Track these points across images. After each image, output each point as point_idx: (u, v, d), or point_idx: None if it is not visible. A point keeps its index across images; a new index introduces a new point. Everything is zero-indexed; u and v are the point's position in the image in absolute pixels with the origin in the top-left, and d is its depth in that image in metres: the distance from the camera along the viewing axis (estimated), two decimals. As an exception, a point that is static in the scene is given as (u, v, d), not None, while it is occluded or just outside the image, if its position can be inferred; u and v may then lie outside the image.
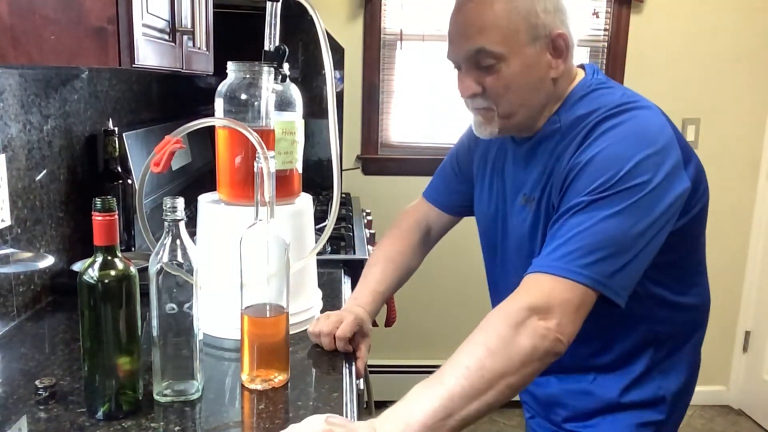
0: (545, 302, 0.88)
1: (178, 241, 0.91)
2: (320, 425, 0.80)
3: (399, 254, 1.29)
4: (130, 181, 1.53)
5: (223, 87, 1.17)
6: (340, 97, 2.61)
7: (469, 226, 1.45)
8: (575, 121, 1.01)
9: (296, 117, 1.22)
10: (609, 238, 0.90)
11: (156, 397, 0.93)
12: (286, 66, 1.20)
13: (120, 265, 0.86)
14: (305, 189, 1.29)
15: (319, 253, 1.25)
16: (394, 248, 1.30)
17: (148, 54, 1.00)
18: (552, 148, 1.03)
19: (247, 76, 1.17)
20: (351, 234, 1.92)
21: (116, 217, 0.85)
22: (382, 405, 1.87)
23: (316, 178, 2.30)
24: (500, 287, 1.20)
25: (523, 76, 1.00)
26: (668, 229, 0.95)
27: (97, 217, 0.83)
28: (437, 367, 0.93)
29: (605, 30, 2.72)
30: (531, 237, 1.07)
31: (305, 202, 1.25)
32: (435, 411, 0.81)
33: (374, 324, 1.23)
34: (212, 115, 1.17)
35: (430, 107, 2.77)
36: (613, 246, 0.90)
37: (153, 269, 0.90)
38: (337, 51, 2.54)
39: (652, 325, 1.07)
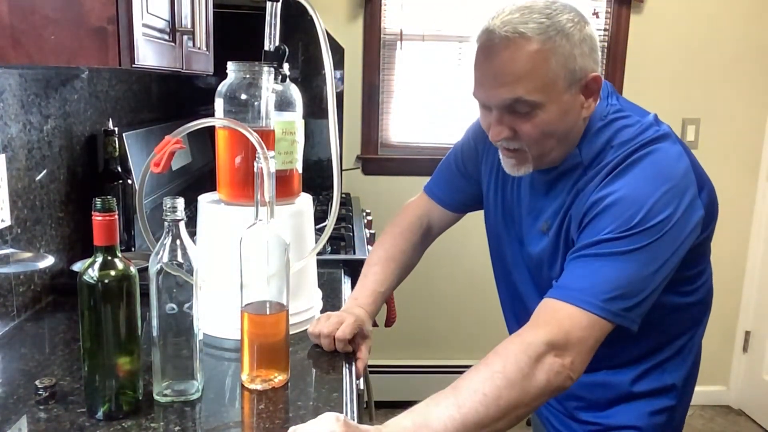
0: (564, 339, 0.89)
1: (178, 241, 0.91)
2: (338, 427, 0.80)
3: (400, 253, 1.28)
4: (130, 181, 1.53)
5: (223, 87, 1.17)
6: (340, 97, 2.61)
7: (469, 226, 1.45)
8: (596, 156, 1.02)
9: (296, 117, 1.22)
10: (630, 276, 0.92)
11: (156, 397, 0.93)
12: (286, 66, 1.20)
13: (120, 265, 0.86)
14: (305, 189, 1.29)
15: (319, 253, 1.25)
16: (396, 247, 1.29)
17: (148, 54, 1.00)
18: (573, 182, 1.04)
19: (247, 76, 1.17)
20: (351, 234, 1.92)
21: (116, 217, 0.85)
22: (382, 405, 1.87)
23: (316, 178, 2.30)
24: (515, 305, 1.22)
25: (560, 122, 0.98)
26: (683, 255, 0.97)
27: (97, 217, 0.83)
28: (437, 367, 0.93)
29: (605, 30, 2.72)
30: (550, 265, 1.08)
31: (305, 202, 1.25)
32: None
33: (374, 324, 1.23)
34: (212, 115, 1.17)
35: (430, 107, 2.77)
36: (634, 283, 0.92)
37: (153, 269, 0.90)
38: (337, 51, 2.54)
39: (664, 328, 1.09)
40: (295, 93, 1.22)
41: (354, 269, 1.62)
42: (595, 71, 0.98)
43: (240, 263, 0.97)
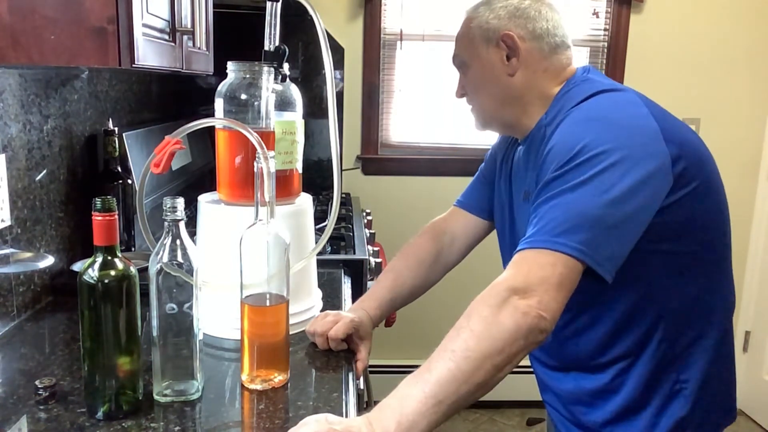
0: (524, 281, 0.88)
1: (178, 241, 0.91)
2: (322, 426, 0.80)
3: (417, 264, 1.29)
4: (130, 181, 1.53)
5: (223, 87, 1.17)
6: (340, 97, 2.61)
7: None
8: (554, 117, 1.06)
9: (296, 117, 1.22)
10: (579, 207, 0.91)
11: (156, 397, 0.93)
12: (286, 66, 1.20)
13: (120, 265, 0.86)
14: (305, 189, 1.29)
15: (319, 253, 1.25)
16: (415, 257, 1.30)
17: (148, 54, 1.00)
18: (539, 145, 1.07)
19: (247, 76, 1.17)
20: (351, 234, 1.92)
21: (116, 217, 0.85)
22: (382, 405, 1.85)
23: (316, 178, 2.30)
24: None
25: (484, 79, 1.13)
26: (654, 204, 0.94)
27: (97, 217, 0.83)
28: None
29: (605, 30, 2.72)
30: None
31: (305, 202, 1.25)
32: (426, 398, 0.82)
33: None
34: (212, 115, 1.17)
35: (430, 107, 2.77)
36: (585, 214, 0.91)
37: (153, 269, 0.90)
38: (337, 51, 2.54)
39: (663, 313, 1.04)
40: (295, 93, 1.22)
41: (354, 269, 1.63)
42: (509, 30, 1.09)
43: (240, 263, 0.97)
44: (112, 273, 0.85)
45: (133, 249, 1.57)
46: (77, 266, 1.39)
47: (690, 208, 0.99)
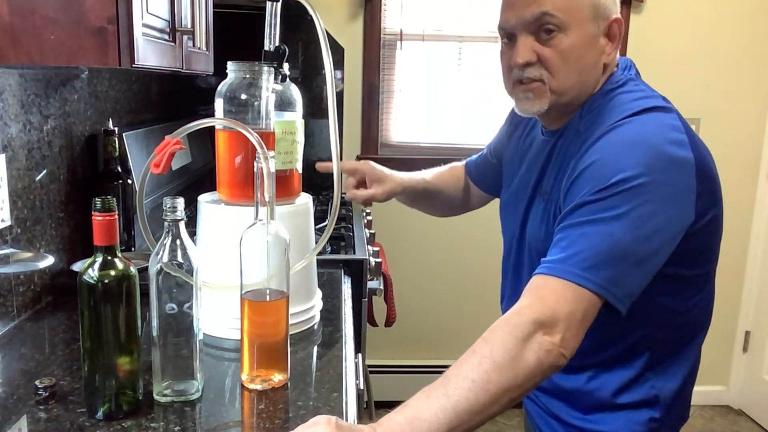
0: (551, 316, 0.88)
1: (178, 241, 0.91)
2: (330, 430, 0.79)
3: (450, 177, 1.47)
4: (130, 181, 1.53)
5: (223, 87, 1.17)
6: (340, 97, 2.61)
7: (469, 226, 1.45)
8: (591, 120, 1.02)
9: (296, 117, 1.22)
10: (611, 242, 0.90)
11: (156, 397, 0.93)
12: (286, 66, 1.20)
13: (120, 265, 0.86)
14: (305, 189, 1.29)
15: (319, 253, 1.25)
16: (448, 171, 1.49)
17: (148, 54, 1.00)
18: (568, 145, 1.04)
19: (247, 76, 1.17)
20: (351, 234, 1.92)
21: (116, 217, 0.85)
22: (382, 405, 1.87)
23: (316, 178, 2.29)
24: (510, 284, 1.21)
25: (581, 52, 1.01)
26: (678, 237, 0.94)
27: (97, 217, 0.83)
28: (437, 367, 0.93)
29: (605, 30, 2.71)
30: (538, 231, 1.08)
31: (305, 202, 1.25)
32: (439, 425, 0.82)
33: (374, 324, 1.23)
34: (212, 115, 1.17)
35: (430, 107, 2.77)
36: (615, 251, 0.90)
37: (153, 269, 0.90)
38: (337, 51, 2.54)
39: (651, 329, 1.06)
40: (295, 93, 1.22)
41: (354, 269, 1.62)
42: (618, 15, 1.03)
43: (240, 263, 0.97)
44: (112, 273, 0.85)
45: (133, 249, 1.57)
46: (77, 266, 1.39)
47: (702, 237, 1.00)
